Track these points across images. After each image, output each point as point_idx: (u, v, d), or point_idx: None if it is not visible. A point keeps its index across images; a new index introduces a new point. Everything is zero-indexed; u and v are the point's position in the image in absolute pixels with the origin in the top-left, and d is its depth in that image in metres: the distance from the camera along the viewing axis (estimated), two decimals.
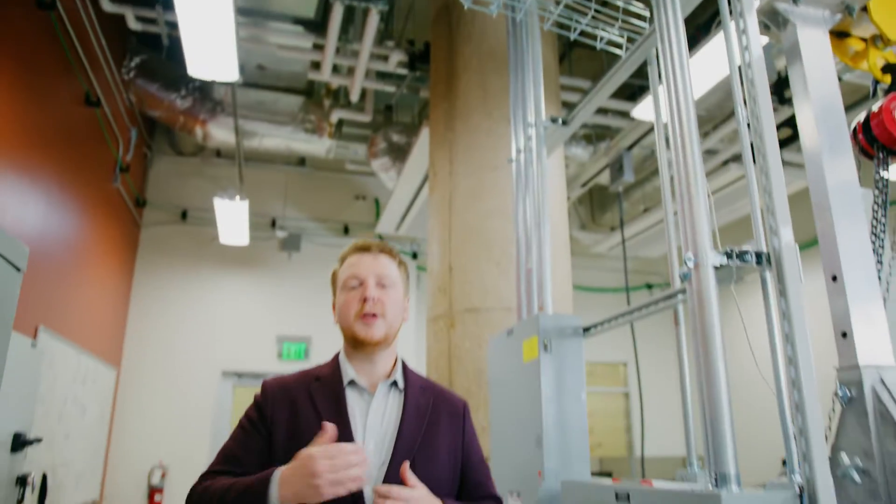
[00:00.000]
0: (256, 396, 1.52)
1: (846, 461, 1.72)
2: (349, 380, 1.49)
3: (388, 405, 1.50)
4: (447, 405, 1.57)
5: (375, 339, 1.47)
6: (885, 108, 2.07)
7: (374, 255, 1.55)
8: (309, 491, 1.23)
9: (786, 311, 1.56)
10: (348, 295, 1.51)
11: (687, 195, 1.69)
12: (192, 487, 1.40)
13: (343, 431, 1.39)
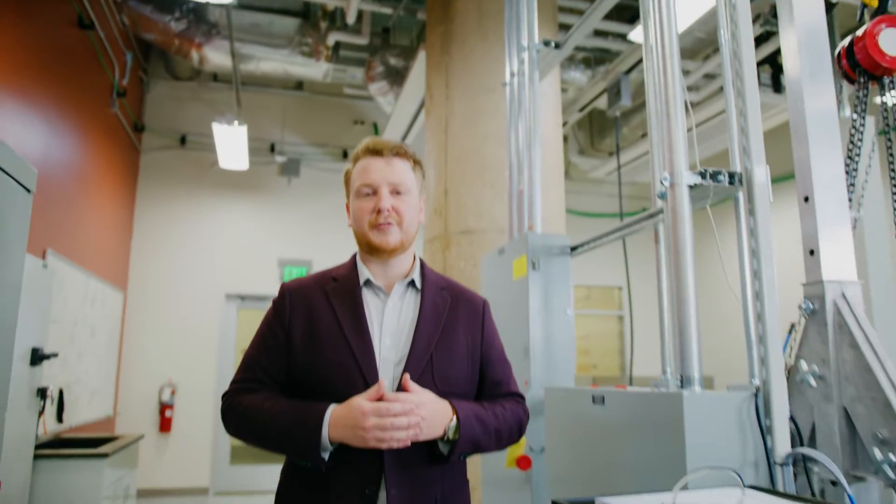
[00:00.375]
0: (275, 300, 1.53)
1: (805, 367, 1.86)
2: (365, 280, 1.49)
3: (404, 304, 1.49)
4: (466, 303, 1.55)
5: (391, 246, 1.46)
6: (869, 33, 2.11)
7: (386, 160, 1.49)
8: (355, 439, 1.29)
9: (753, 228, 1.66)
10: (362, 203, 1.48)
11: (665, 118, 1.77)
12: (228, 400, 1.45)
13: (360, 329, 1.41)
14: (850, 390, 1.78)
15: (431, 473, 1.41)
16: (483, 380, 1.53)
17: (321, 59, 6.32)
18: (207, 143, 7.31)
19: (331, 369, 1.38)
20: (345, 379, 1.36)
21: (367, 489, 1.35)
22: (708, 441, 1.51)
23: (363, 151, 1.52)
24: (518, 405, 1.54)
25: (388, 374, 1.40)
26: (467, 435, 1.38)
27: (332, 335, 1.40)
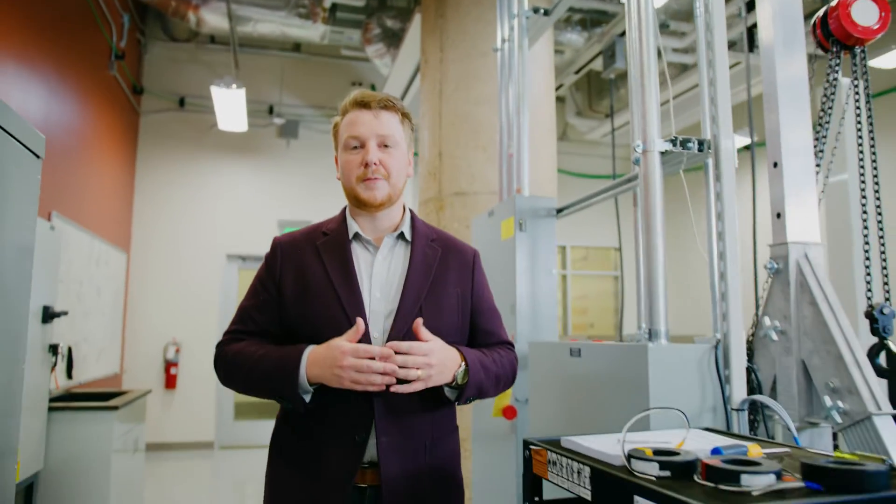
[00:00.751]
0: (267, 255, 1.54)
1: (767, 323, 1.99)
2: (354, 233, 1.50)
3: (394, 257, 1.50)
4: (456, 255, 1.56)
5: (378, 201, 1.46)
6: (842, 4, 2.18)
7: (374, 113, 1.48)
8: (332, 379, 1.31)
9: (719, 192, 1.77)
10: (349, 156, 1.48)
11: (640, 87, 1.86)
12: (219, 349, 1.49)
13: (349, 282, 1.43)
14: (807, 344, 1.91)
15: (421, 421, 1.44)
16: (475, 329, 1.55)
17: (318, 20, 6.34)
18: (206, 105, 7.35)
19: (321, 323, 1.39)
20: (335, 332, 1.37)
21: (357, 436, 1.38)
22: (671, 389, 1.65)
23: (351, 104, 1.51)
24: (510, 352, 1.59)
25: (379, 327, 1.42)
26: (474, 380, 1.41)
27: (322, 289, 1.42)
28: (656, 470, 1.03)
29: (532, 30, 2.95)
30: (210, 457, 7.15)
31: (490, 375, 1.47)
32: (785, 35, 2.10)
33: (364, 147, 1.46)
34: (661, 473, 1.03)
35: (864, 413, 1.72)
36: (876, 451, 1.67)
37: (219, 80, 6.05)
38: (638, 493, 0.99)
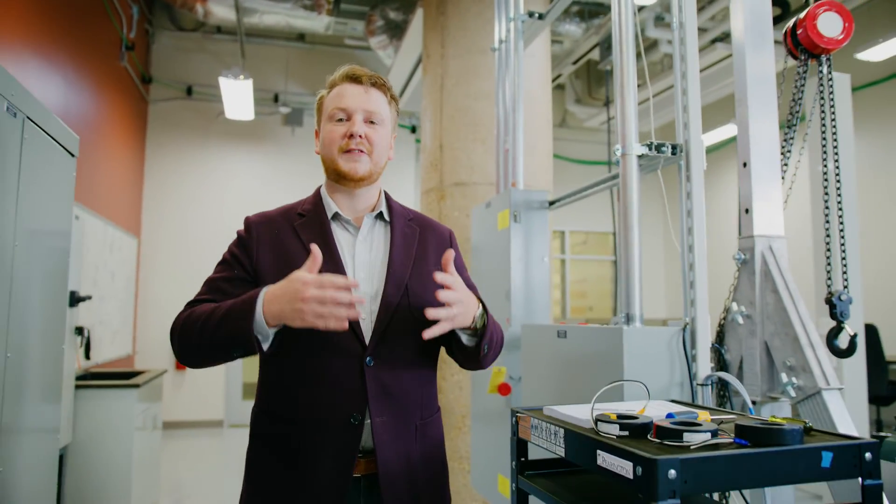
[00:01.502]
0: (239, 232, 1.50)
1: (735, 308, 2.21)
2: (333, 213, 1.47)
3: (374, 237, 1.48)
4: (434, 234, 1.56)
5: (359, 174, 1.44)
6: (809, 16, 2.37)
7: (364, 88, 1.46)
8: (293, 314, 1.22)
9: (689, 191, 1.98)
10: (334, 127, 1.45)
11: (621, 96, 2.06)
12: (177, 315, 1.39)
13: (332, 265, 1.39)
14: (770, 327, 2.13)
15: (411, 402, 1.44)
16: None
17: (322, 12, 6.51)
18: (213, 94, 7.53)
19: None
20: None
21: (353, 418, 1.36)
22: (643, 366, 1.87)
23: (341, 77, 1.49)
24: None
25: (366, 309, 1.39)
26: (490, 324, 1.40)
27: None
28: (617, 430, 1.25)
29: (527, 32, 3.14)
30: (219, 434, 7.43)
31: (496, 329, 1.47)
32: (754, 38, 2.30)
33: (350, 119, 1.44)
34: (620, 433, 1.25)
35: (815, 388, 1.94)
36: (824, 420, 1.90)
37: (226, 71, 6.23)
38: (600, 448, 1.21)
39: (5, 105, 1.78)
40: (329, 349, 1.36)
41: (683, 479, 1.06)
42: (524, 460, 1.58)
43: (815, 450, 1.15)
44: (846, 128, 4.66)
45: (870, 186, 6.77)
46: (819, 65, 2.47)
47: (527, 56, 3.88)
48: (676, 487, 1.05)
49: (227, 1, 6.29)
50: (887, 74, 6.44)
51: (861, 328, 4.51)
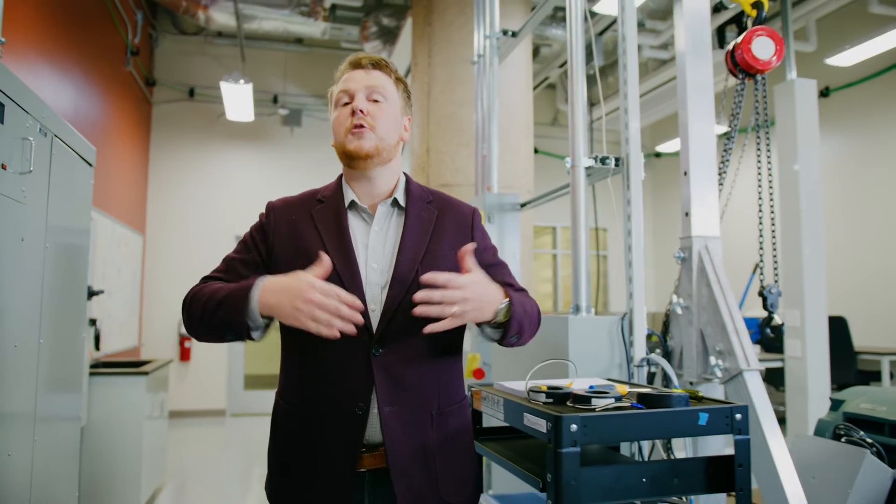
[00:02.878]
0: (261, 215, 1.52)
1: (675, 300, 2.51)
2: (350, 201, 1.47)
3: (390, 226, 1.47)
4: (454, 214, 1.52)
5: (364, 150, 1.41)
6: (745, 41, 2.66)
7: (366, 70, 1.47)
8: (290, 310, 1.23)
9: (629, 199, 2.27)
10: (339, 111, 1.46)
11: (572, 114, 2.36)
12: (192, 287, 1.43)
13: (345, 252, 1.39)
14: (704, 317, 2.43)
15: (426, 391, 1.41)
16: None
17: (319, 18, 6.78)
18: (215, 96, 7.82)
19: None
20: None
21: (358, 408, 1.35)
22: (587, 350, 2.17)
23: (345, 66, 1.51)
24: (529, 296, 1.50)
25: (376, 299, 1.38)
26: (517, 317, 1.35)
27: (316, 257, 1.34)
28: (543, 398, 1.55)
29: (502, 48, 3.43)
30: (222, 423, 7.74)
31: (529, 315, 1.42)
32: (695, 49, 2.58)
33: (353, 99, 1.44)
34: (546, 400, 1.55)
35: (737, 369, 2.24)
36: (744, 396, 2.20)
37: (227, 75, 6.52)
38: (526, 411, 1.51)
39: (38, 126, 2.08)
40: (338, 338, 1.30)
41: (583, 432, 1.36)
42: (479, 427, 1.89)
43: (694, 411, 1.45)
44: (811, 131, 4.96)
45: (852, 183, 7.05)
46: (755, 83, 2.76)
47: (507, 65, 4.19)
48: (577, 438, 1.35)
49: (227, 8, 6.57)
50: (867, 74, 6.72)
51: (824, 320, 4.82)
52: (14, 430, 1.99)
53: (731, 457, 1.47)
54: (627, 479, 1.43)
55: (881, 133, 6.71)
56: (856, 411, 2.78)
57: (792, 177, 4.90)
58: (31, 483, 2.12)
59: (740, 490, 1.45)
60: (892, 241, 6.53)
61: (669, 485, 1.45)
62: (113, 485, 4.08)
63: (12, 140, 1.88)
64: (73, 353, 2.57)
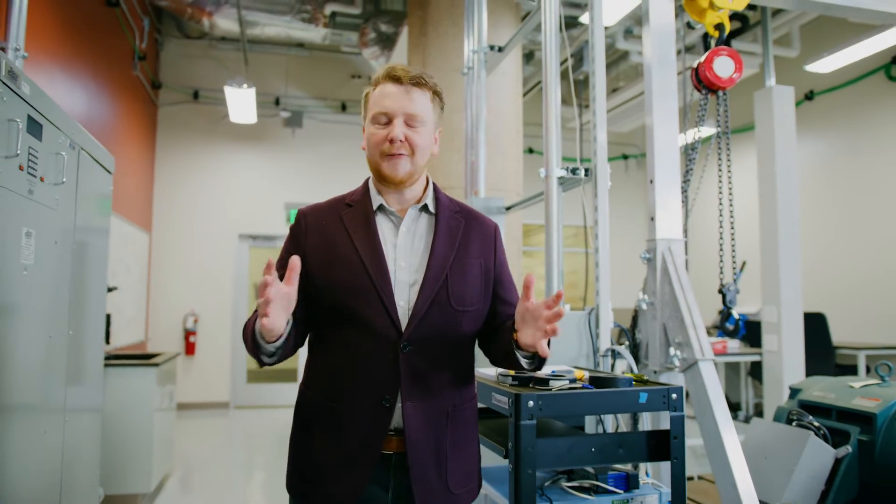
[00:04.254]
0: (292, 226, 1.56)
1: (642, 297, 2.77)
2: (378, 205, 1.51)
3: (418, 228, 1.52)
4: (479, 227, 1.58)
5: (399, 177, 1.46)
6: (707, 60, 2.91)
7: (405, 89, 1.47)
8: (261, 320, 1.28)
9: (597, 205, 2.52)
10: (376, 130, 1.47)
11: (546, 127, 2.61)
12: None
13: (374, 251, 1.44)
14: (666, 312, 2.68)
15: (444, 386, 1.48)
16: (497, 300, 1.56)
17: (319, 24, 7.03)
18: (218, 98, 8.07)
19: (349, 292, 1.43)
20: (361, 300, 1.42)
21: (384, 400, 1.41)
22: (558, 342, 2.42)
23: (383, 76, 1.49)
24: None
25: (404, 296, 1.44)
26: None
27: (349, 259, 1.44)
28: (510, 381, 1.81)
29: (490, 62, 3.68)
30: (226, 415, 8.01)
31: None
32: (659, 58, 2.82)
33: (391, 123, 1.45)
34: (512, 383, 1.81)
35: (693, 359, 2.50)
36: (699, 383, 2.45)
37: (231, 80, 6.76)
38: (495, 391, 1.77)
39: (69, 142, 2.34)
40: (367, 334, 1.42)
41: (539, 407, 1.62)
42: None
43: (635, 391, 1.71)
44: (789, 135, 5.21)
45: (836, 183, 7.29)
46: (717, 99, 3.01)
47: (498, 74, 4.44)
48: (534, 412, 1.61)
49: (231, 14, 6.82)
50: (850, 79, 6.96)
51: (800, 316, 5.06)
52: (48, 411, 2.25)
53: (667, 431, 1.73)
54: (578, 448, 1.69)
55: (863, 135, 6.95)
56: (809, 398, 3.04)
57: (770, 179, 5.14)
58: (63, 458, 2.39)
59: (675, 458, 1.71)
60: (873, 239, 6.78)
61: (615, 454, 1.71)
62: (125, 470, 4.33)
63: (48, 155, 2.14)
64: (95, 344, 2.83)
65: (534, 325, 1.32)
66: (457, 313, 1.45)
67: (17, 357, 1.97)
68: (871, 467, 2.64)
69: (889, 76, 6.58)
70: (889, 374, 2.93)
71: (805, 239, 7.20)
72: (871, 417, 2.70)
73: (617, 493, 1.80)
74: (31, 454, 2.09)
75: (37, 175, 2.04)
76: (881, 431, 2.65)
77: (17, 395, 1.98)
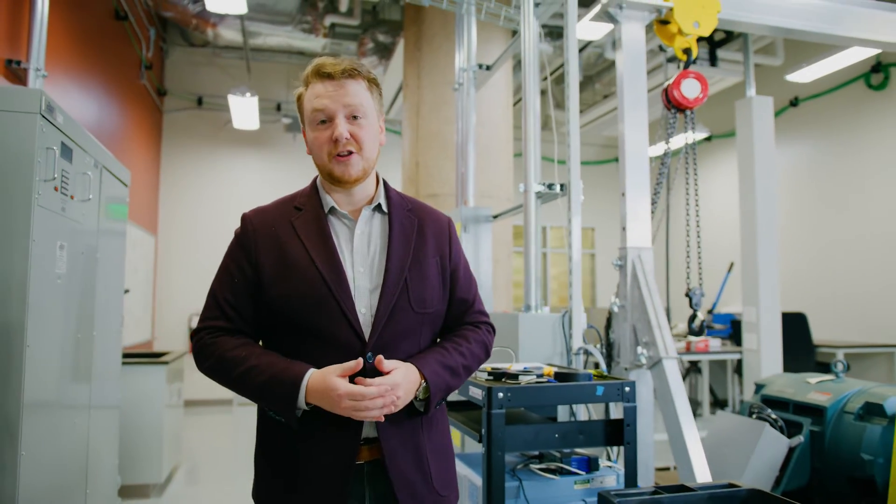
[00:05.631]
0: (237, 232, 1.46)
1: (614, 300, 3.02)
2: (329, 207, 1.44)
3: (373, 230, 1.46)
4: (433, 223, 1.52)
5: (353, 176, 1.40)
6: (675, 82, 3.16)
7: (339, 83, 1.38)
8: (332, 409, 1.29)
9: (570, 218, 2.78)
10: (318, 133, 1.39)
11: (525, 148, 2.86)
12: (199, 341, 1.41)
13: (331, 260, 1.37)
14: (635, 315, 2.94)
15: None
16: (451, 299, 1.51)
17: (319, 35, 7.28)
18: (222, 104, 8.33)
19: (305, 302, 1.35)
20: (320, 311, 1.35)
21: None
22: (534, 341, 2.68)
23: (312, 74, 1.41)
24: (481, 329, 1.55)
25: (364, 302, 1.38)
26: (437, 389, 1.38)
27: (303, 268, 1.37)
28: (486, 375, 2.07)
29: (478, 79, 3.93)
30: (230, 412, 8.28)
31: (457, 372, 1.45)
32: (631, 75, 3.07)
33: (332, 121, 1.38)
34: (487, 377, 2.06)
35: (658, 357, 2.75)
36: (663, 379, 2.71)
37: (234, 88, 7.02)
38: (471, 384, 2.02)
39: (93, 162, 2.60)
40: (329, 346, 1.35)
41: (508, 398, 1.87)
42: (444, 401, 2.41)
43: (593, 385, 1.97)
44: (767, 143, 5.45)
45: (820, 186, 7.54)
46: (685, 118, 3.26)
47: (489, 86, 4.70)
48: (504, 403, 1.87)
49: (234, 25, 7.07)
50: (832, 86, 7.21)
51: (778, 316, 5.31)
52: (77, 404, 2.52)
53: (622, 420, 1.99)
54: (544, 434, 1.95)
55: (845, 140, 7.20)
56: (770, 393, 3.30)
57: (750, 185, 5.39)
58: (88, 447, 2.65)
59: (628, 443, 1.97)
60: (854, 241, 7.02)
61: (576, 439, 1.98)
62: (139, 462, 4.58)
63: (76, 176, 2.40)
64: (115, 344, 3.09)
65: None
66: (418, 316, 1.42)
67: (54, 356, 2.23)
68: (822, 455, 2.90)
69: (869, 84, 6.83)
70: (843, 371, 3.19)
71: (789, 240, 7.47)
72: (822, 410, 2.96)
73: (579, 475, 2.05)
74: (63, 443, 2.35)
75: (68, 194, 2.30)
76: (830, 423, 2.91)
77: (54, 389, 2.24)
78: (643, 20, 3.20)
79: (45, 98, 2.05)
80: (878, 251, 6.73)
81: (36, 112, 2.02)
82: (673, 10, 3.14)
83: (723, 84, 7.03)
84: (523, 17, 2.96)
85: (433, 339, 1.51)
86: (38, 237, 2.03)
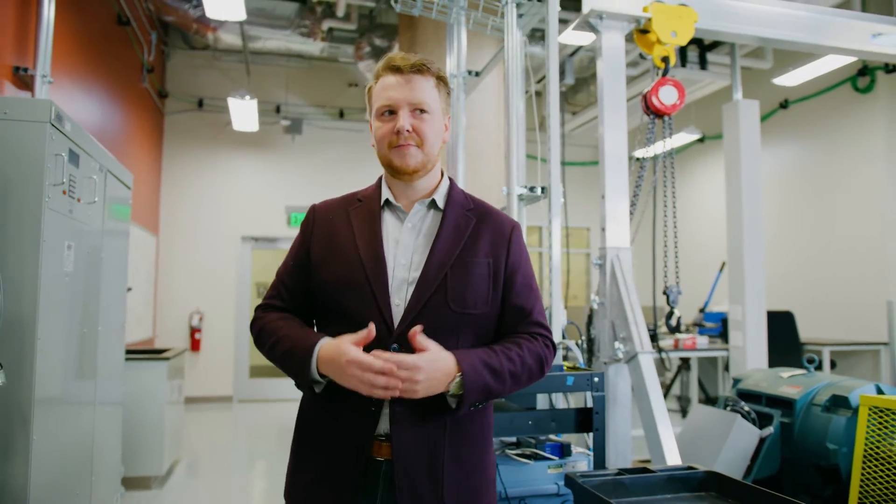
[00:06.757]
0: (303, 221, 1.56)
1: (593, 297, 3.17)
2: (384, 200, 1.48)
3: (424, 224, 1.47)
4: (493, 225, 1.49)
5: (410, 168, 1.43)
6: (653, 90, 3.31)
7: (407, 78, 1.43)
8: (340, 380, 1.30)
9: (550, 220, 2.92)
10: (382, 124, 1.44)
11: (508, 153, 3.01)
12: (256, 314, 1.50)
13: (374, 248, 1.41)
14: (613, 311, 3.09)
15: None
16: (505, 305, 1.45)
17: (317, 38, 7.43)
18: (222, 106, 8.47)
19: (343, 287, 1.40)
20: (354, 296, 1.38)
21: (372, 403, 1.35)
22: None
23: (383, 68, 1.46)
24: (537, 341, 1.46)
25: (401, 294, 1.39)
26: (474, 386, 1.31)
27: (347, 253, 1.42)
28: None
29: (467, 86, 4.07)
30: (230, 409, 8.44)
31: (501, 376, 1.36)
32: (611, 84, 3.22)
33: (396, 114, 1.42)
34: None
35: (634, 352, 2.90)
36: (638, 372, 2.85)
37: (234, 91, 7.17)
38: None
39: (98, 166, 2.75)
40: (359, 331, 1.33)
41: None
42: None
43: (564, 375, 2.12)
44: (753, 145, 5.60)
45: (810, 187, 7.68)
46: (663, 123, 3.41)
47: (480, 91, 4.84)
48: None
49: (234, 29, 7.22)
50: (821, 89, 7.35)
51: (763, 314, 5.45)
52: (84, 397, 2.67)
53: (591, 408, 2.13)
54: (518, 421, 2.09)
55: (832, 142, 7.34)
56: (745, 387, 3.45)
57: (736, 186, 5.53)
58: (94, 439, 2.80)
59: (597, 429, 2.12)
60: (841, 240, 7.16)
61: (548, 426, 2.12)
62: (141, 455, 4.72)
63: (83, 180, 2.55)
64: (118, 340, 3.24)
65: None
66: (456, 315, 1.37)
67: (62, 350, 2.38)
68: (791, 445, 3.05)
69: (855, 87, 6.97)
70: (814, 365, 3.34)
71: (778, 240, 7.61)
72: (792, 402, 3.11)
73: (553, 459, 2.20)
74: (71, 434, 2.50)
75: (75, 197, 2.45)
76: (799, 414, 3.06)
77: (63, 382, 2.40)
78: (623, 30, 3.35)
79: (55, 108, 2.20)
80: (865, 251, 6.87)
81: (46, 121, 2.17)
82: (651, 21, 3.28)
83: (714, 87, 7.18)
84: (507, 27, 3.10)
85: (479, 344, 1.43)
86: (48, 237, 2.18)
